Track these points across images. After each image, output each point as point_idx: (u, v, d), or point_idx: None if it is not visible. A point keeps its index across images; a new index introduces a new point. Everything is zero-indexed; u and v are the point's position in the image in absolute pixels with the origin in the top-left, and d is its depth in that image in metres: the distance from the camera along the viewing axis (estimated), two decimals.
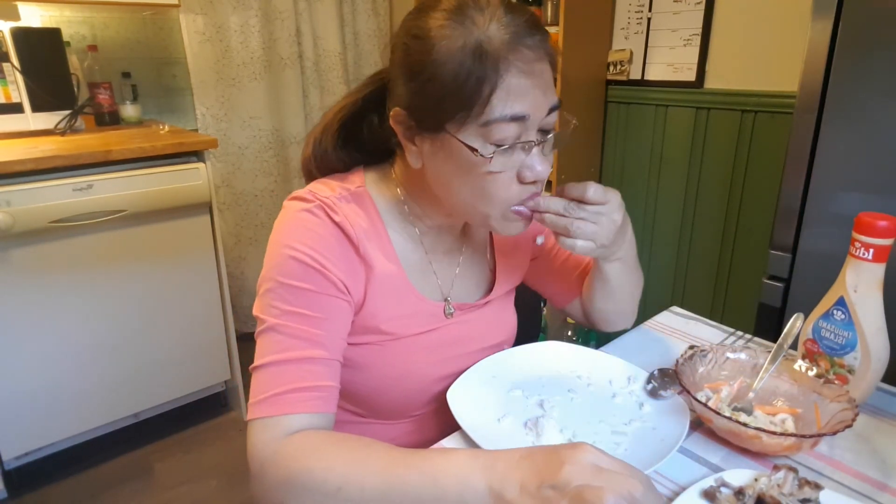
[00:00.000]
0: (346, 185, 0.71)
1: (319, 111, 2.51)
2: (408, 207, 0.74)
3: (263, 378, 0.62)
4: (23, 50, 1.65)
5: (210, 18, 2.15)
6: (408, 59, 0.61)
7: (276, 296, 0.64)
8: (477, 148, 0.59)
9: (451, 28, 0.58)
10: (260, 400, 0.60)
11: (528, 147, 0.61)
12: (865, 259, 0.67)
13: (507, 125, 0.59)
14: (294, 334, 0.63)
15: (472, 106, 0.58)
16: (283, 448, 0.57)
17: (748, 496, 0.54)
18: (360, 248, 0.68)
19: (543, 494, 0.47)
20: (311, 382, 0.62)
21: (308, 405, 0.61)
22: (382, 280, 0.70)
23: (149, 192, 1.61)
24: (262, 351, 0.63)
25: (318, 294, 0.64)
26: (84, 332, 1.64)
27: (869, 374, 0.69)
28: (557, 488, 0.47)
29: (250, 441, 0.59)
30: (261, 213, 2.46)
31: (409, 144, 0.66)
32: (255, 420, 0.60)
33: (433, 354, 0.76)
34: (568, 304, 0.91)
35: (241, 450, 1.87)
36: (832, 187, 1.16)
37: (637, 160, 2.17)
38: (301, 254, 0.64)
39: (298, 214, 0.67)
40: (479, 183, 0.62)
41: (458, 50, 0.57)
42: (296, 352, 0.62)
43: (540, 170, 0.62)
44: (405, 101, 0.63)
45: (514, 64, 0.57)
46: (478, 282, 0.83)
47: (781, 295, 1.27)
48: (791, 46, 1.69)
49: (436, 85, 0.59)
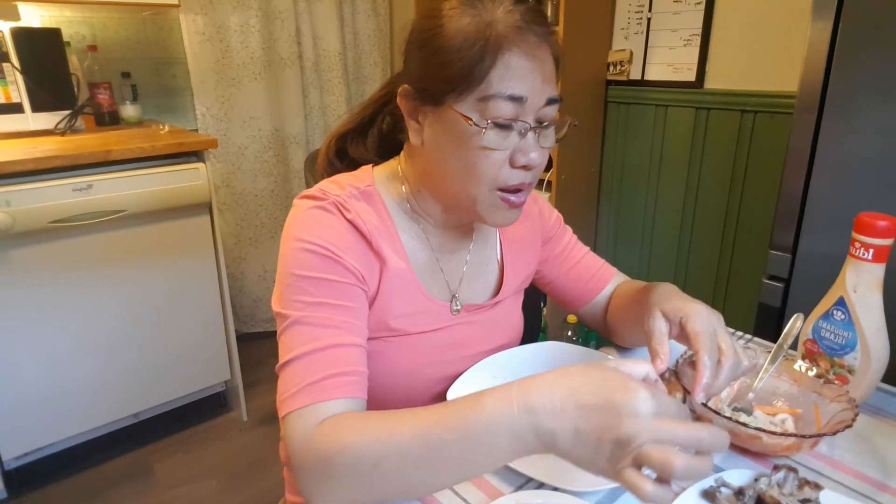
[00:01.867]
0: (355, 183, 0.72)
1: (319, 111, 2.51)
2: (413, 205, 0.74)
3: (294, 371, 0.60)
4: (23, 50, 1.65)
5: (210, 18, 2.15)
6: (419, 35, 0.65)
7: (296, 289, 0.63)
8: (472, 119, 0.61)
9: (462, 10, 0.62)
10: (293, 393, 0.59)
11: (524, 131, 0.63)
12: (865, 259, 0.67)
13: (505, 103, 0.60)
14: (320, 323, 0.62)
15: (472, 78, 0.60)
16: (317, 435, 0.56)
17: (748, 496, 0.54)
18: (374, 242, 0.68)
19: (604, 448, 0.45)
20: (343, 368, 0.61)
21: (341, 390, 0.59)
22: (394, 276, 0.70)
23: (149, 193, 1.61)
24: (288, 346, 0.62)
25: (338, 283, 0.64)
26: (84, 332, 1.64)
27: (869, 374, 0.69)
28: (620, 445, 0.44)
29: (287, 436, 0.57)
30: (261, 213, 2.46)
31: (412, 122, 0.68)
32: (290, 414, 0.58)
33: (439, 354, 0.76)
34: (580, 308, 0.91)
35: (241, 450, 1.88)
36: (832, 187, 1.16)
37: (637, 160, 2.17)
38: (317, 246, 0.64)
39: (311, 211, 0.67)
40: (472, 158, 0.63)
41: (465, 25, 0.61)
42: (324, 340, 0.61)
43: (533, 156, 0.63)
44: (412, 76, 0.66)
45: (516, 44, 0.60)
46: (485, 282, 0.83)
47: (781, 295, 1.27)
48: (791, 46, 1.69)
49: (440, 55, 0.62)
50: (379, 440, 0.52)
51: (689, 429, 0.44)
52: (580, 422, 0.46)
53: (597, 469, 0.46)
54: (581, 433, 0.46)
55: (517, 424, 0.47)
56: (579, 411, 0.46)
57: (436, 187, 0.71)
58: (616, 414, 0.45)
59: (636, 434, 0.44)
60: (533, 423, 0.47)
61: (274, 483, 1.73)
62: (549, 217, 0.90)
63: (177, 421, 1.97)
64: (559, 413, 0.47)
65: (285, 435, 0.58)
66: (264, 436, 1.95)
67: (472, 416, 0.49)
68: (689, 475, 0.42)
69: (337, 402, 0.59)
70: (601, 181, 2.31)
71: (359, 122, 0.81)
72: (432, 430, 0.51)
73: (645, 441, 0.43)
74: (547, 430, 0.47)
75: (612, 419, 0.45)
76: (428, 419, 0.52)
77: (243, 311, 2.53)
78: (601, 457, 0.45)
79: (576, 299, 0.90)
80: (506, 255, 0.84)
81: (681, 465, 0.42)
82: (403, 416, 0.54)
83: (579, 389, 0.47)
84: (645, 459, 0.43)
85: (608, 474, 0.46)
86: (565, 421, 0.46)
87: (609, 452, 0.45)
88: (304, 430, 0.57)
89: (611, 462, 0.45)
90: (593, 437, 0.45)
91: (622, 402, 0.45)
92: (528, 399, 0.48)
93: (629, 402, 0.45)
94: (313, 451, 0.55)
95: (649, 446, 0.43)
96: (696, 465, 0.43)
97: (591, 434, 0.45)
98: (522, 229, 0.86)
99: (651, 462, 0.43)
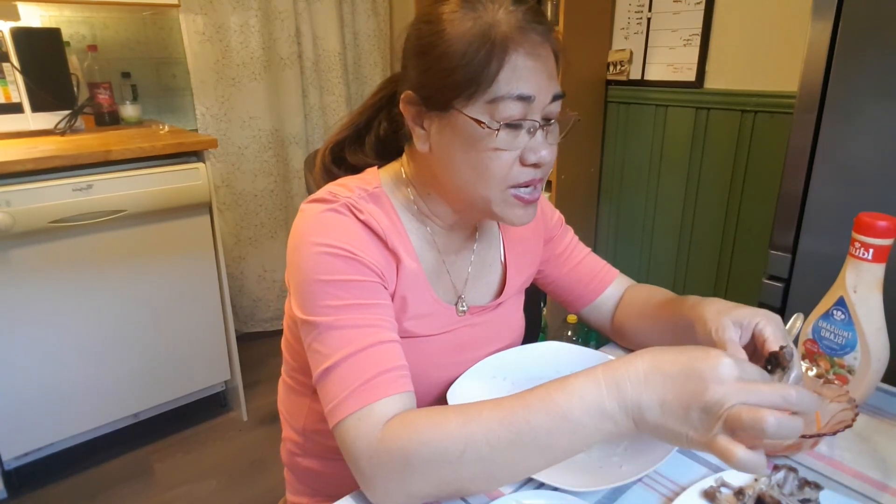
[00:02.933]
0: (363, 185, 0.71)
1: (319, 111, 2.51)
2: (419, 207, 0.74)
3: (338, 376, 0.59)
4: (23, 50, 1.65)
5: (210, 18, 2.15)
6: (419, 40, 0.64)
7: (322, 295, 0.62)
8: (484, 121, 0.61)
9: (463, 13, 0.61)
10: (343, 398, 0.57)
11: (533, 130, 0.63)
12: (865, 259, 0.67)
13: (514, 104, 0.60)
14: (354, 325, 0.61)
15: (480, 82, 0.60)
16: (387, 433, 0.55)
17: (748, 496, 0.54)
18: (389, 242, 0.68)
19: (692, 417, 0.45)
20: (388, 364, 0.60)
21: (393, 386, 0.58)
22: (408, 276, 0.70)
23: (149, 192, 1.61)
24: (325, 353, 0.60)
25: (363, 282, 0.64)
26: (84, 332, 1.64)
27: (869, 374, 0.69)
28: (708, 411, 0.44)
29: (349, 441, 0.56)
30: (260, 212, 2.46)
31: (416, 129, 0.67)
32: (346, 418, 0.57)
33: (445, 357, 0.76)
34: (582, 308, 0.91)
35: (241, 450, 1.88)
36: (832, 187, 1.16)
37: (637, 160, 2.17)
38: (336, 248, 0.63)
39: (323, 215, 0.66)
40: (483, 160, 0.63)
41: (468, 29, 0.60)
42: (362, 341, 0.60)
43: (543, 154, 0.63)
44: (415, 82, 0.65)
45: (521, 45, 0.60)
46: (489, 283, 0.83)
47: (781, 295, 1.27)
48: (791, 46, 1.69)
49: (445, 61, 0.61)
50: (463, 429, 0.52)
51: (776, 388, 0.44)
52: (665, 391, 0.46)
53: (687, 441, 0.46)
54: (667, 403, 0.46)
55: (605, 400, 0.48)
56: (664, 381, 0.47)
57: (447, 191, 0.70)
58: (701, 380, 0.45)
59: (723, 398, 0.44)
60: (620, 397, 0.48)
61: (274, 483, 1.73)
62: (551, 217, 0.90)
63: (177, 421, 1.97)
64: (644, 384, 0.47)
65: (345, 441, 0.57)
66: (264, 436, 1.95)
67: (559, 397, 0.50)
68: (781, 432, 0.42)
69: (392, 399, 0.58)
70: (601, 181, 2.31)
71: (354, 130, 0.80)
72: (518, 412, 0.51)
73: (733, 404, 0.44)
74: (633, 403, 0.47)
75: (697, 385, 0.45)
76: (512, 404, 0.52)
77: (243, 311, 2.53)
78: (689, 426, 0.46)
79: (577, 300, 0.90)
80: (509, 255, 0.84)
81: (773, 421, 0.42)
82: (482, 405, 0.54)
83: (662, 360, 0.48)
84: (735, 422, 0.43)
85: (699, 445, 0.46)
86: (651, 392, 0.47)
87: (697, 421, 0.45)
88: (369, 432, 0.55)
89: (699, 431, 0.45)
90: (680, 405, 0.46)
91: (706, 369, 0.46)
92: (614, 374, 0.49)
93: (713, 368, 0.45)
94: (387, 452, 0.54)
95: (738, 408, 0.43)
96: (787, 422, 0.43)
97: (677, 402, 0.46)
98: (525, 230, 0.86)
99: (742, 422, 0.43)
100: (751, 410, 0.43)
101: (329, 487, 0.84)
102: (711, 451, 0.45)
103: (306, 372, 0.69)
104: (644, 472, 0.58)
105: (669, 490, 0.58)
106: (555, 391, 0.51)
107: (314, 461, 0.84)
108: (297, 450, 0.85)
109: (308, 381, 0.77)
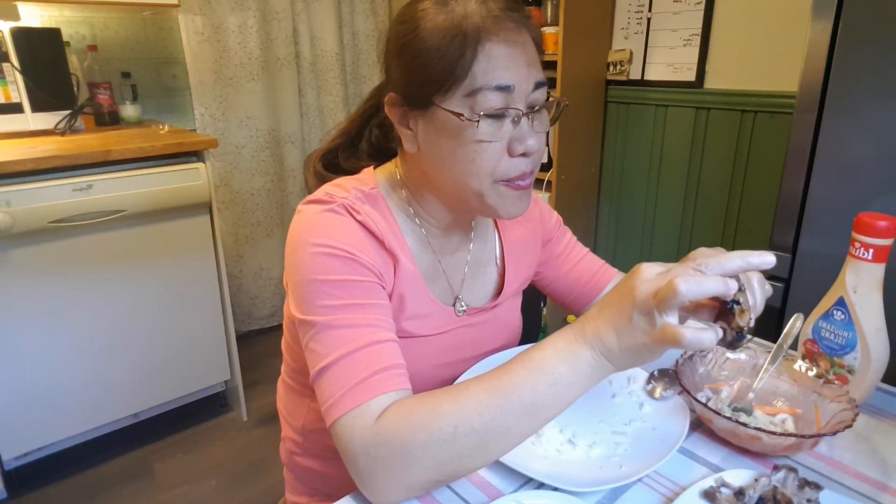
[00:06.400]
0: (360, 186, 0.71)
1: (316, 111, 2.52)
2: (414, 209, 0.74)
3: (335, 375, 0.59)
4: (23, 50, 1.65)
5: (208, 19, 2.15)
6: (397, 41, 0.65)
7: (319, 294, 0.62)
8: (464, 114, 0.61)
9: (436, 8, 0.62)
10: (339, 397, 0.58)
11: (517, 119, 0.62)
12: (865, 259, 0.67)
13: (493, 94, 0.60)
14: (351, 324, 0.61)
15: (456, 74, 0.60)
16: (381, 426, 0.55)
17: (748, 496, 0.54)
18: (386, 242, 0.68)
19: (638, 323, 0.49)
20: (385, 363, 0.60)
21: (389, 384, 0.59)
22: (405, 276, 0.70)
23: (148, 192, 1.61)
24: (322, 352, 0.60)
25: (361, 282, 0.64)
26: (84, 332, 1.64)
27: (869, 374, 0.69)
28: (643, 309, 0.49)
29: (345, 438, 0.56)
30: (257, 211, 2.47)
31: (403, 130, 0.67)
32: (342, 417, 0.57)
33: (443, 357, 0.76)
34: (581, 308, 0.91)
35: (241, 450, 1.88)
36: (832, 188, 1.16)
37: (637, 160, 2.17)
38: (334, 248, 0.63)
39: (321, 215, 0.66)
40: (468, 153, 0.63)
41: (440, 23, 0.61)
42: (360, 340, 0.60)
43: (530, 143, 0.63)
44: (396, 83, 0.66)
45: (495, 34, 0.60)
46: (485, 283, 0.83)
47: (781, 295, 1.27)
48: (791, 46, 1.69)
49: (421, 57, 0.61)
50: (452, 406, 0.54)
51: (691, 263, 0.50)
52: (612, 314, 0.51)
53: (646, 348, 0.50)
54: (615, 322, 0.51)
55: (574, 345, 0.53)
56: (608, 307, 0.52)
57: (439, 190, 0.70)
58: (630, 288, 0.50)
59: (649, 290, 0.49)
60: (583, 337, 0.53)
61: (274, 483, 1.73)
62: (550, 219, 0.90)
63: (177, 421, 1.97)
64: (597, 318, 0.53)
65: (341, 440, 0.57)
66: (264, 436, 1.95)
67: (535, 353, 0.54)
68: (692, 290, 0.46)
69: (388, 396, 0.58)
70: (601, 181, 2.31)
71: (347, 138, 0.80)
72: (502, 377, 0.54)
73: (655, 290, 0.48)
74: (595, 337, 0.52)
75: (629, 294, 0.50)
76: (496, 372, 0.55)
77: (241, 310, 2.53)
78: (640, 332, 0.49)
79: (576, 300, 0.90)
80: (507, 256, 0.84)
81: (680, 279, 0.46)
82: (467, 382, 0.56)
83: (607, 296, 0.54)
84: (661, 302, 0.47)
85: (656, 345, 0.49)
86: (602, 320, 0.52)
87: (643, 323, 0.49)
88: (364, 428, 0.56)
89: (648, 331, 0.49)
90: (625, 318, 0.50)
91: (632, 278, 0.51)
92: (578, 322, 0.54)
93: (637, 274, 0.51)
94: (384, 444, 0.54)
95: (658, 291, 0.48)
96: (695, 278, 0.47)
97: (622, 317, 0.50)
98: (524, 231, 0.86)
99: (661, 294, 0.47)
100: (665, 286, 0.47)
101: (328, 487, 0.85)
102: (665, 342, 0.48)
103: (306, 372, 0.69)
104: (644, 472, 0.58)
105: (669, 490, 0.58)
106: (532, 350, 0.55)
107: (314, 461, 0.84)
108: (297, 449, 0.85)
109: (308, 382, 0.77)
